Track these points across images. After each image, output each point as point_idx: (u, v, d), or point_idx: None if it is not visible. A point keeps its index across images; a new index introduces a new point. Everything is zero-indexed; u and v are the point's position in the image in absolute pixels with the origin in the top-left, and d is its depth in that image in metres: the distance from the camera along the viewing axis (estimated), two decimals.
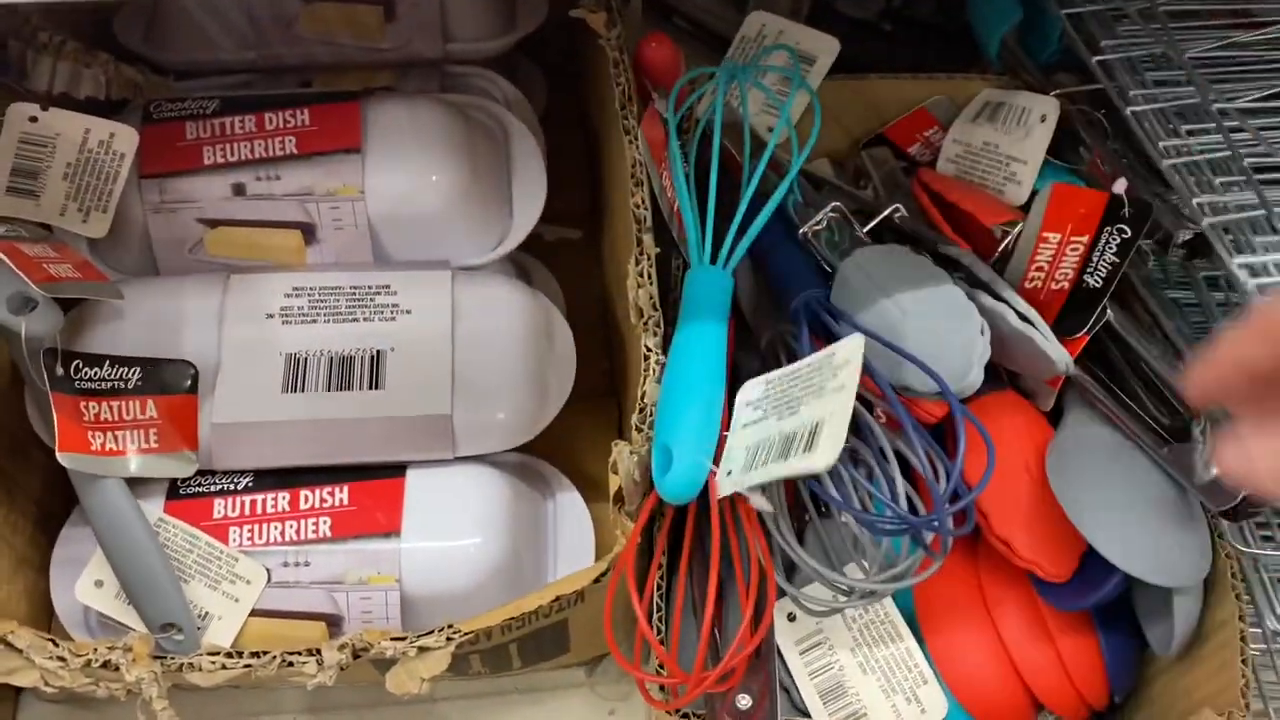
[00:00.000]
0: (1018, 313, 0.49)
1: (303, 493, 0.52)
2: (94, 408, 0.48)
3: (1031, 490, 0.49)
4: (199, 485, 0.52)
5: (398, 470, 0.53)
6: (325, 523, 0.51)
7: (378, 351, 0.53)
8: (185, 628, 0.49)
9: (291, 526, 0.51)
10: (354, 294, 0.55)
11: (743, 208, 0.51)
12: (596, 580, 0.45)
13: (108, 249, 0.56)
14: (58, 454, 0.46)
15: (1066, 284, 0.50)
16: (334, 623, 0.51)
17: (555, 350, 0.57)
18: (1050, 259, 0.51)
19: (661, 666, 0.44)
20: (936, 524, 0.42)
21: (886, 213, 0.55)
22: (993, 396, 0.52)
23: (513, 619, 0.45)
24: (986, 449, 0.43)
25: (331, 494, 0.52)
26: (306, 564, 0.51)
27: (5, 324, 0.44)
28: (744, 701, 0.42)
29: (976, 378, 0.48)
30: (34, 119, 0.49)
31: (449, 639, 0.44)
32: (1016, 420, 0.52)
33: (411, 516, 0.52)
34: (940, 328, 0.47)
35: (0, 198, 0.51)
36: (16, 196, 0.51)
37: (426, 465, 0.54)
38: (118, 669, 0.44)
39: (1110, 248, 0.50)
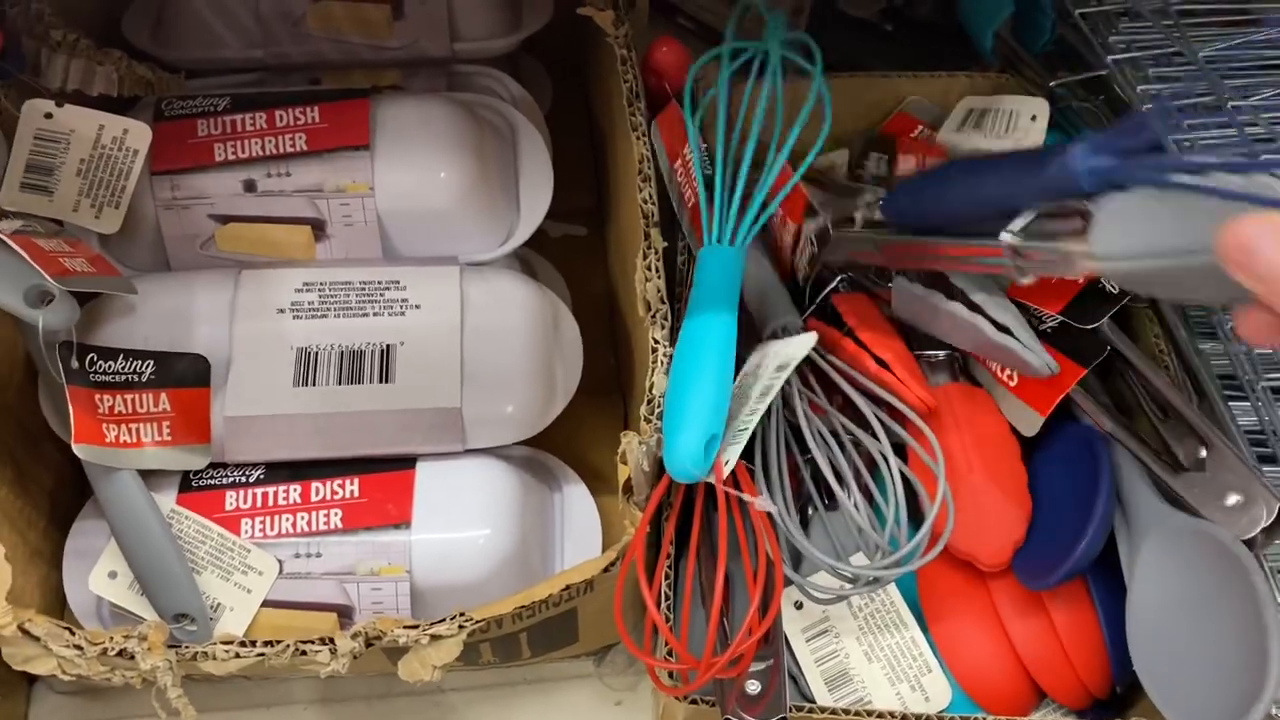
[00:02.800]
0: (994, 323, 0.50)
1: (314, 485, 0.53)
2: (108, 400, 0.49)
3: (969, 482, 0.51)
4: (211, 478, 0.53)
5: (408, 463, 0.54)
6: (336, 514, 0.52)
7: (388, 346, 0.54)
8: (198, 618, 0.50)
9: (303, 518, 0.52)
10: (364, 289, 0.56)
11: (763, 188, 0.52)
12: (606, 569, 0.46)
13: (119, 245, 0.56)
14: (73, 446, 0.47)
15: (1081, 278, 0.51)
16: (345, 614, 0.51)
17: (562, 345, 0.58)
18: None
19: (671, 653, 0.45)
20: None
21: (832, 286, 0.56)
22: (946, 387, 0.54)
23: (523, 607, 0.45)
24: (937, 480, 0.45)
25: (342, 486, 0.53)
26: (318, 555, 0.51)
27: (23, 317, 0.45)
28: (753, 687, 0.43)
29: None
30: (49, 115, 0.49)
31: (461, 627, 0.44)
32: (963, 411, 0.53)
33: (422, 508, 0.52)
34: None
35: (15, 194, 0.51)
36: (30, 192, 0.52)
37: (436, 458, 0.54)
38: (133, 657, 0.45)
39: None
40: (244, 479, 0.53)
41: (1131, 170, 0.37)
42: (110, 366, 0.49)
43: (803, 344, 0.46)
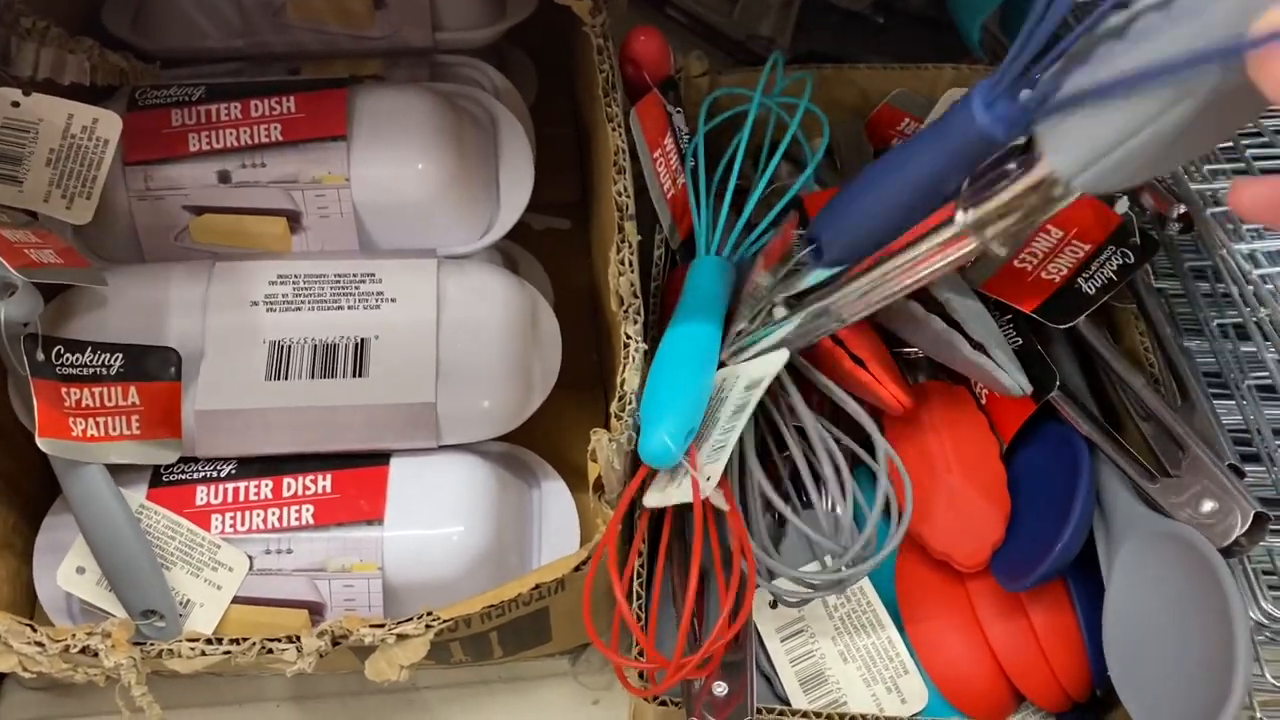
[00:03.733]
0: (970, 341, 0.49)
1: (285, 480, 0.52)
2: (75, 394, 0.48)
3: (946, 482, 0.50)
4: (182, 472, 0.52)
5: (381, 459, 0.53)
6: (308, 510, 0.51)
7: (362, 340, 0.53)
8: (167, 615, 0.49)
9: (274, 514, 0.51)
10: (339, 281, 0.55)
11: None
12: (577, 568, 0.45)
13: (93, 236, 0.56)
14: (38, 439, 0.46)
15: (1059, 278, 0.50)
16: (316, 610, 0.51)
17: (541, 339, 0.57)
18: (1048, 250, 0.51)
19: (640, 653, 0.44)
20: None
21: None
22: (925, 385, 0.53)
23: (492, 607, 0.44)
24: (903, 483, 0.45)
25: (314, 481, 0.52)
26: (289, 551, 0.51)
27: None
28: (720, 689, 0.42)
29: None
30: (16, 104, 0.49)
31: (428, 626, 0.44)
32: (942, 409, 0.52)
33: (395, 504, 0.51)
34: None
35: None
36: (0, 183, 0.51)
37: (410, 454, 0.53)
38: (96, 655, 0.44)
39: (1111, 264, 0.50)
40: (215, 474, 0.52)
41: (1040, 103, 0.34)
42: (78, 359, 0.49)
43: (773, 363, 0.45)
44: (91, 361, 0.49)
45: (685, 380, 0.47)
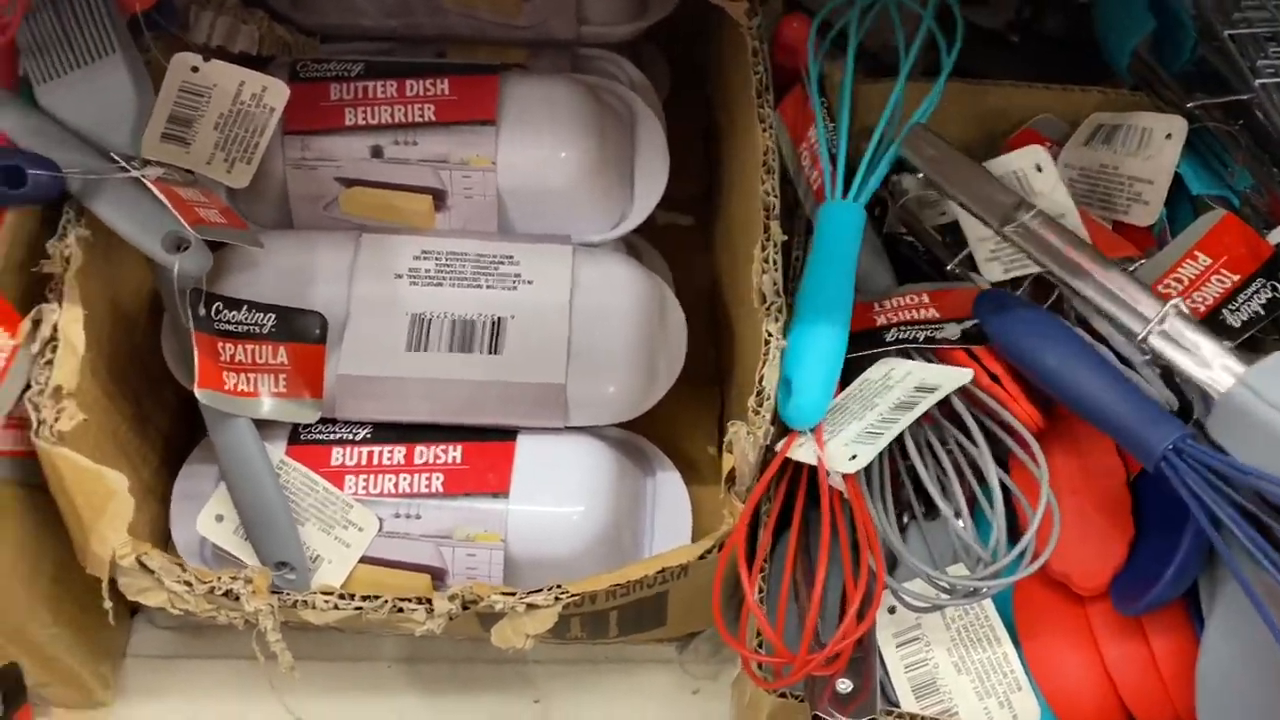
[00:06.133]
0: (1117, 355, 0.49)
1: (418, 448, 0.54)
2: (230, 349, 0.50)
3: (1071, 503, 0.50)
4: (320, 432, 0.54)
5: (509, 434, 0.54)
6: (438, 478, 0.53)
7: (499, 318, 0.55)
8: (298, 568, 0.51)
9: (405, 479, 0.53)
10: (479, 261, 0.57)
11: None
12: (702, 556, 0.46)
13: (245, 200, 0.58)
14: (196, 390, 0.48)
15: (1204, 308, 0.50)
16: (439, 576, 0.52)
17: (667, 331, 0.58)
18: (1193, 277, 0.51)
19: (763, 645, 0.45)
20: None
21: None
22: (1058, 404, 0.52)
23: (617, 585, 0.46)
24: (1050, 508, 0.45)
25: (445, 451, 0.54)
26: (417, 517, 0.52)
27: (160, 261, 0.46)
28: (845, 686, 0.43)
29: None
30: (195, 69, 0.51)
31: (557, 599, 0.45)
32: (1071, 433, 0.52)
33: (520, 480, 0.53)
34: None
35: (155, 143, 0.53)
36: (170, 143, 0.53)
37: (536, 432, 0.55)
38: (238, 599, 0.46)
39: (1259, 298, 0.50)
40: (351, 436, 0.54)
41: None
42: (234, 316, 0.51)
43: (955, 378, 0.46)
44: (246, 319, 0.51)
45: (826, 339, 0.49)
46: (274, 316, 0.52)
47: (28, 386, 0.44)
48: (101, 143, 0.48)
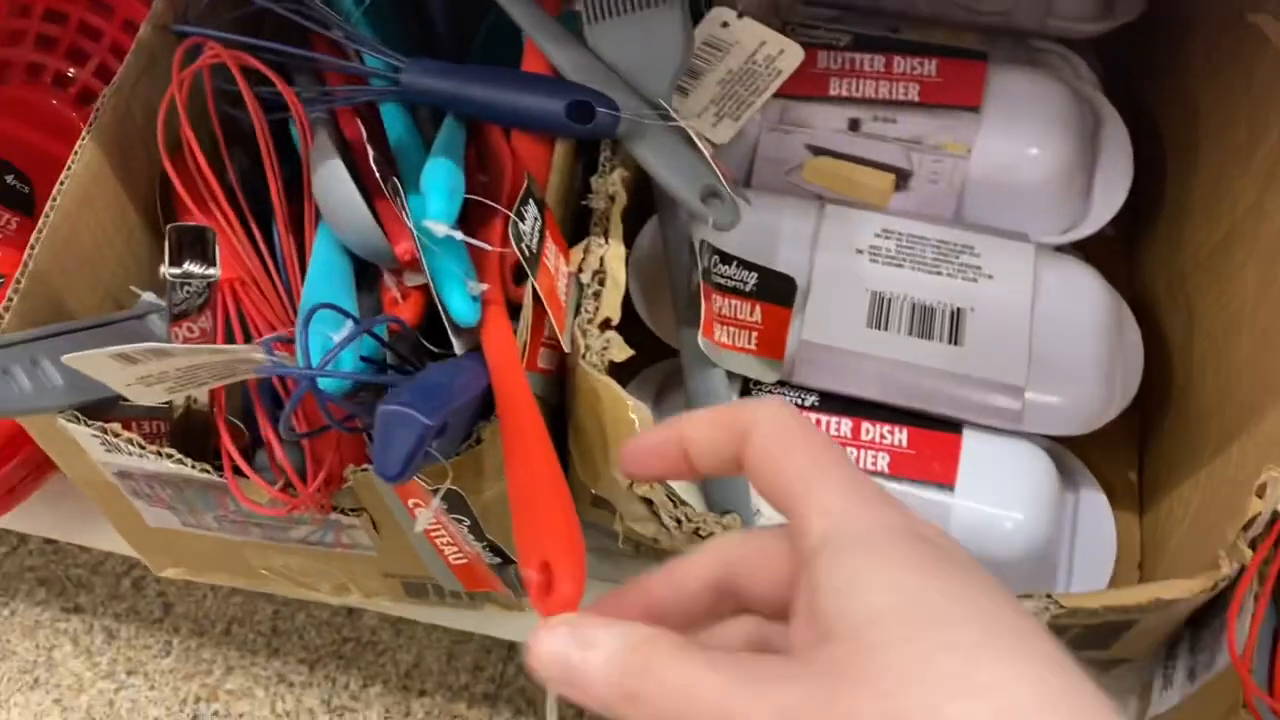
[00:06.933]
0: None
1: (864, 425, 0.54)
2: (719, 302, 0.52)
3: None
4: (772, 393, 0.55)
5: (954, 426, 0.54)
6: (883, 459, 0.53)
7: (958, 309, 0.54)
8: (744, 518, 0.52)
9: (850, 453, 0.53)
10: (940, 248, 0.56)
11: None
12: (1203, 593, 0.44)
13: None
14: (699, 339, 0.49)
15: None
16: None
17: (1125, 347, 0.56)
18: None
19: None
20: None
21: None
22: None
23: (1109, 608, 0.44)
24: None
25: (891, 433, 0.54)
26: None
27: (695, 213, 0.47)
28: None
29: None
30: (725, 24, 0.52)
31: (1046, 608, 0.44)
32: None
33: (966, 475, 0.52)
34: None
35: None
36: (674, 92, 0.54)
37: (982, 429, 0.54)
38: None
39: None
40: (800, 401, 0.54)
41: None
42: (726, 271, 0.52)
43: None
44: (734, 275, 0.52)
45: None
46: (756, 275, 0.53)
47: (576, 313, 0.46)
48: (640, 88, 0.50)
